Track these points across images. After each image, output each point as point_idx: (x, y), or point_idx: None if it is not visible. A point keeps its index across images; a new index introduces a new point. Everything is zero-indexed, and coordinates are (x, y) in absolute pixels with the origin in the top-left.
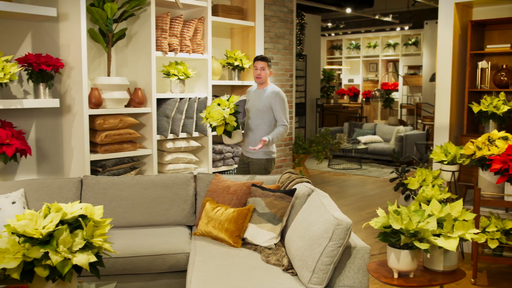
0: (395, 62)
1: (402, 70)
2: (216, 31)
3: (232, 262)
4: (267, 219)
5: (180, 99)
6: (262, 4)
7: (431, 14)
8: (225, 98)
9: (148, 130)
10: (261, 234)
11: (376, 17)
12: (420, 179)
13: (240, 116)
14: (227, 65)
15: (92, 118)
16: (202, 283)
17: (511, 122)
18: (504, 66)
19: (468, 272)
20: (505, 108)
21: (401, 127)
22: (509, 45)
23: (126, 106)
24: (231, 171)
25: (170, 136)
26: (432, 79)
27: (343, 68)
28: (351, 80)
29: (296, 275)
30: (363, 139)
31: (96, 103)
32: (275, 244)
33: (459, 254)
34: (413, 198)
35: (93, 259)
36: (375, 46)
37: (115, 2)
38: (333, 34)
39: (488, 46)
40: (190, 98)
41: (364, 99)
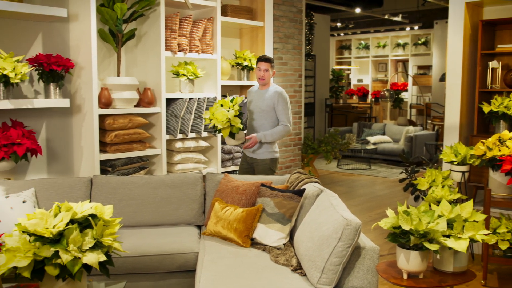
0: (405, 62)
1: (412, 70)
2: (225, 31)
3: (241, 262)
4: (276, 219)
5: (189, 99)
6: (271, 4)
7: (441, 13)
8: (227, 99)
9: (157, 130)
10: (270, 234)
11: (386, 17)
12: (429, 180)
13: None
14: (236, 65)
15: (102, 118)
16: (211, 283)
17: None
18: None
19: (478, 273)
20: None
21: (410, 128)
22: None
23: (135, 106)
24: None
25: (179, 136)
26: (442, 79)
27: (352, 68)
28: (360, 80)
29: (305, 275)
30: (372, 139)
31: (106, 103)
32: (284, 244)
33: (469, 255)
34: (422, 199)
35: (102, 258)
36: (384, 46)
37: (125, 3)
38: (342, 34)
39: (499, 46)
40: (199, 98)
41: (373, 99)
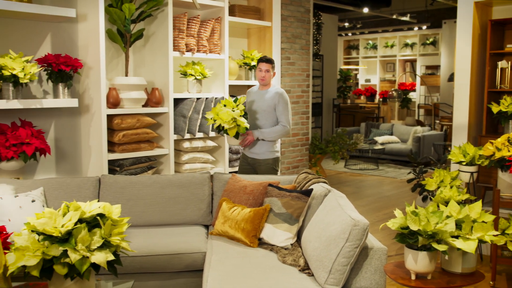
0: (413, 62)
1: (420, 70)
2: (233, 31)
3: (248, 262)
4: (283, 219)
5: (197, 99)
6: (279, 4)
7: (449, 13)
8: (228, 99)
9: (165, 130)
10: (277, 234)
11: (394, 16)
12: (438, 180)
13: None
14: (243, 65)
15: (110, 117)
16: (219, 283)
17: None
18: None
19: (487, 274)
20: None
21: (418, 128)
22: None
23: (143, 106)
24: None
25: (187, 136)
26: (450, 79)
27: (360, 68)
28: (368, 80)
29: (313, 275)
30: (380, 139)
31: (114, 103)
32: (292, 244)
33: (478, 256)
34: (430, 199)
35: (111, 257)
36: (392, 46)
37: (133, 3)
38: (350, 34)
39: (508, 46)
40: (207, 98)
41: (381, 99)
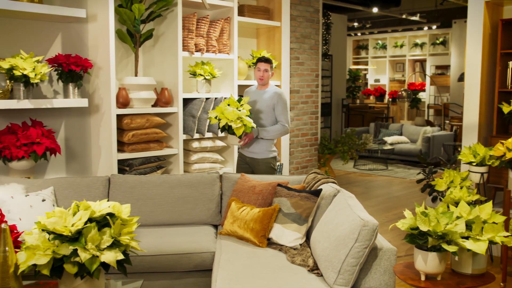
0: (422, 62)
1: (430, 70)
2: (242, 31)
3: (257, 262)
4: (292, 219)
5: (206, 99)
6: (288, 4)
7: (459, 13)
8: (233, 98)
9: (174, 130)
10: (286, 234)
11: (403, 16)
12: (448, 181)
13: None
14: (253, 65)
15: (119, 117)
16: (228, 283)
17: None
18: None
19: (497, 275)
20: None
21: (428, 128)
22: None
23: (153, 106)
24: None
25: (196, 135)
26: (460, 79)
27: (369, 68)
28: (377, 80)
29: (322, 275)
30: (389, 139)
31: (124, 102)
32: (301, 244)
33: (488, 258)
34: (440, 200)
35: (120, 256)
36: (402, 46)
37: (142, 3)
38: (359, 34)
39: None
40: (216, 98)
41: (390, 99)
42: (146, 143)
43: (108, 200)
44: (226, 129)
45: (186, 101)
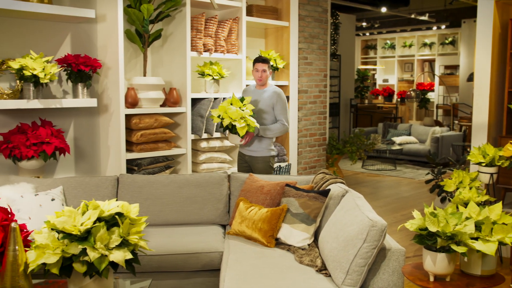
0: (431, 62)
1: (439, 70)
2: (251, 31)
3: (265, 262)
4: (300, 219)
5: (215, 99)
6: (296, 4)
7: (469, 12)
8: (235, 98)
9: (182, 130)
10: (294, 234)
11: (412, 16)
12: (457, 181)
13: None
14: None
15: (128, 117)
16: (236, 282)
17: None
18: None
19: (507, 277)
20: None
21: (437, 128)
22: None
23: (161, 106)
24: None
25: (204, 135)
26: (469, 79)
27: (377, 68)
28: (386, 80)
29: (330, 276)
30: (397, 139)
31: (132, 102)
32: (309, 244)
33: (498, 259)
34: (449, 200)
35: (129, 256)
36: (410, 46)
37: (151, 3)
38: (367, 34)
39: None
40: (224, 98)
41: (399, 100)
42: (155, 143)
43: (116, 200)
44: (230, 128)
45: (195, 101)
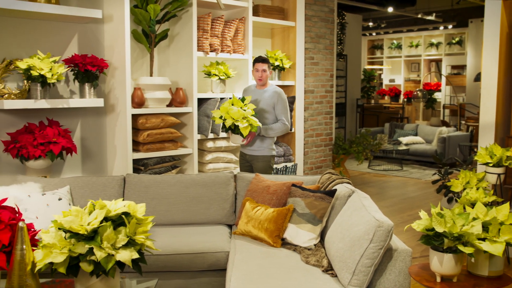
0: (438, 62)
1: (445, 70)
2: (257, 31)
3: (271, 262)
4: (307, 219)
5: (221, 99)
6: (303, 4)
7: (476, 12)
8: (236, 98)
9: (189, 130)
10: (300, 234)
11: (419, 16)
12: (464, 182)
13: None
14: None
15: (134, 117)
16: (242, 282)
17: None
18: None
19: None
20: None
21: (443, 128)
22: None
23: (167, 106)
24: None
25: (211, 135)
26: (477, 79)
27: (384, 68)
28: (392, 80)
29: (336, 276)
30: (404, 140)
31: (139, 102)
32: (315, 244)
33: (505, 260)
34: (456, 201)
35: (135, 255)
36: (417, 46)
37: (158, 4)
38: (374, 34)
39: None
40: (230, 98)
41: (405, 100)
42: (161, 142)
43: (123, 199)
44: (232, 128)
45: (201, 101)
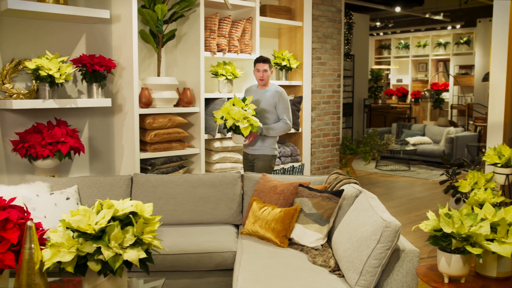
0: (446, 62)
1: (453, 70)
2: (264, 31)
3: (278, 262)
4: (314, 219)
5: (228, 99)
6: (310, 3)
7: (484, 12)
8: (237, 98)
9: (196, 130)
10: (307, 234)
11: (427, 15)
12: (471, 182)
13: None
14: (274, 65)
15: (142, 117)
16: (249, 282)
17: None
18: None
19: None
20: None
21: (451, 128)
22: None
23: (175, 106)
24: (278, 171)
25: (218, 135)
26: (485, 79)
27: (391, 68)
28: (400, 80)
29: (343, 276)
30: (411, 140)
31: (146, 102)
32: (322, 245)
33: None
34: (464, 201)
35: (143, 255)
36: (425, 46)
37: (165, 4)
38: (381, 34)
39: None
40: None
41: (413, 100)
42: (168, 142)
43: (130, 199)
44: (233, 129)
45: (208, 101)
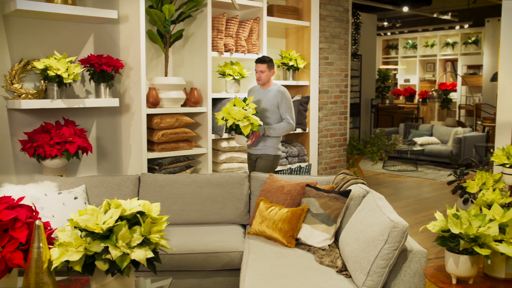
0: (454, 62)
1: (461, 70)
2: (271, 31)
3: (285, 262)
4: (321, 219)
5: None
6: (317, 3)
7: (492, 11)
8: (238, 99)
9: (203, 130)
10: (315, 234)
11: (434, 15)
12: (480, 183)
13: None
14: (281, 65)
15: (149, 117)
16: (256, 282)
17: None
18: None
19: None
20: None
21: (459, 129)
22: None
23: (182, 106)
24: (285, 171)
25: (225, 135)
26: (493, 79)
27: (399, 68)
28: (407, 80)
29: (350, 277)
30: (419, 140)
31: (154, 102)
32: (329, 245)
33: None
34: (472, 202)
35: (150, 254)
36: (432, 45)
37: (173, 4)
38: (389, 33)
39: None
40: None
41: (420, 100)
42: (176, 142)
43: (138, 199)
44: (234, 129)
45: (215, 101)
